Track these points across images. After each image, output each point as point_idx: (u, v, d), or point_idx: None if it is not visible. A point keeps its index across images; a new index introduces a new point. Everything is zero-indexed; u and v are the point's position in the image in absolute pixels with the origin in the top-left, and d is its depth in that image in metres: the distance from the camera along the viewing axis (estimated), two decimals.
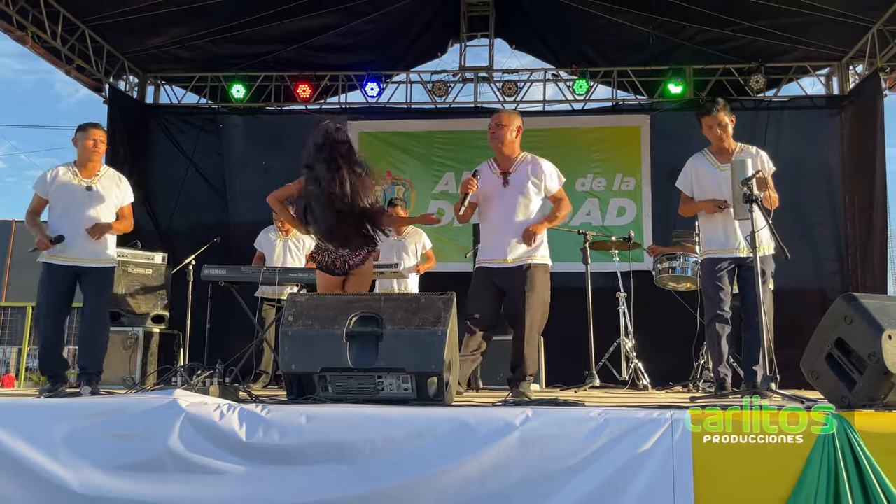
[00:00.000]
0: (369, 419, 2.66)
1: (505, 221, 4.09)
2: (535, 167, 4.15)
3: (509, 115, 4.25)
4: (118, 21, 7.47)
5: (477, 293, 4.12)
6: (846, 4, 6.98)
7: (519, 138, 4.22)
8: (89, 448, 2.74)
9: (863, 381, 2.64)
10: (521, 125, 4.25)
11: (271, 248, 6.33)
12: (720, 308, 4.17)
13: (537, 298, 4.05)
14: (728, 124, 4.32)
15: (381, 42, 8.39)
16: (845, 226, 7.83)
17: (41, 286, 4.47)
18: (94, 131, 4.56)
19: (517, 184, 4.12)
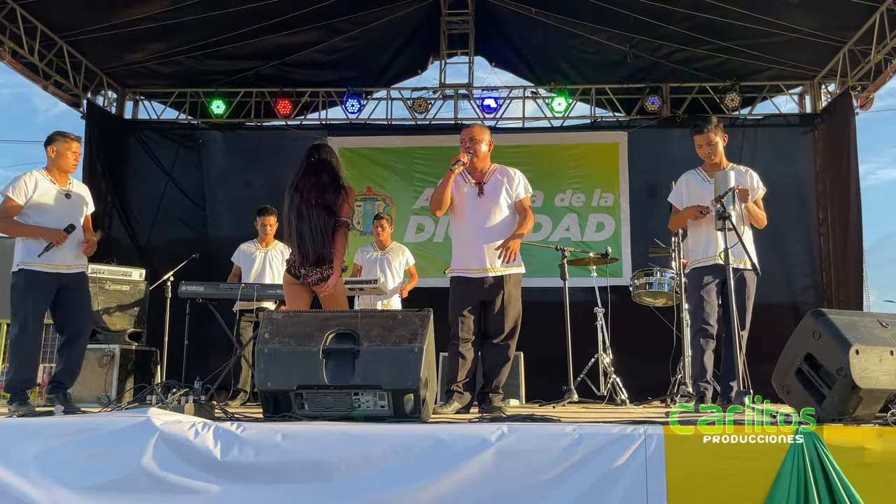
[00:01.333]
0: (345, 437, 2.66)
1: (480, 230, 4.17)
2: (507, 175, 4.29)
3: (481, 129, 4.37)
4: (96, 37, 7.47)
5: (459, 308, 4.15)
6: (818, 25, 7.14)
7: (490, 152, 4.34)
8: (62, 468, 2.71)
9: (832, 395, 2.68)
10: (492, 140, 4.36)
11: (250, 262, 6.32)
12: (704, 322, 4.20)
13: (514, 311, 4.13)
14: (718, 143, 4.38)
15: (361, 59, 8.45)
16: (819, 241, 7.96)
17: (23, 294, 4.28)
18: (75, 143, 4.50)
19: (491, 193, 4.23)
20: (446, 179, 4.21)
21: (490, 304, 4.16)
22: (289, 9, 7.34)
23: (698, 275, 4.29)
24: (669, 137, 8.27)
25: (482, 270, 4.14)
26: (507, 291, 4.13)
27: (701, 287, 4.25)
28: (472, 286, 4.16)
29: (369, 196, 8.46)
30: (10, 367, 4.37)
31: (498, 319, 4.13)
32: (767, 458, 2.45)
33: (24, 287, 4.32)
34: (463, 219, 4.26)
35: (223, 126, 8.82)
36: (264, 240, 6.35)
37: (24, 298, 4.30)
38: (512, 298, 4.15)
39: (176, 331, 6.23)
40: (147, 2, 6.94)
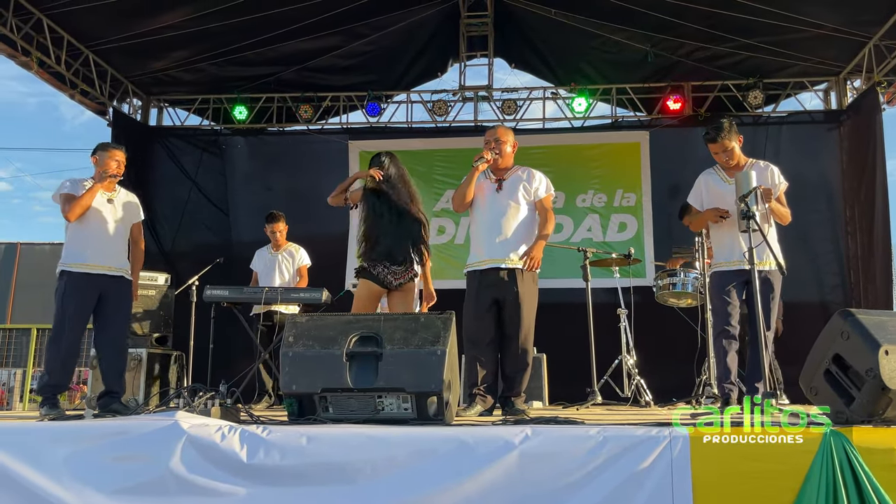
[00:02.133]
0: (370, 439, 2.67)
1: (496, 224, 4.18)
2: (528, 174, 4.31)
3: (506, 130, 4.41)
4: (121, 45, 7.59)
5: (475, 306, 4.14)
6: (843, 20, 7.04)
7: (513, 153, 4.37)
8: (92, 471, 2.75)
9: (861, 396, 2.64)
10: (516, 143, 4.40)
11: (264, 265, 6.43)
12: (727, 323, 4.16)
13: (529, 309, 4.10)
14: (734, 147, 4.33)
15: (381, 63, 8.49)
16: (846, 239, 7.84)
17: (64, 296, 4.38)
18: (117, 151, 4.68)
19: (509, 189, 4.24)
20: (470, 176, 4.24)
21: (504, 303, 4.12)
22: (308, 14, 7.40)
23: (720, 278, 4.25)
24: (692, 136, 8.18)
25: (495, 261, 4.12)
26: (522, 289, 4.09)
27: (722, 290, 4.21)
28: (485, 282, 4.14)
29: None
30: (45, 371, 4.45)
31: (513, 319, 4.09)
32: (795, 461, 2.42)
33: (64, 289, 4.41)
34: (480, 214, 4.29)
35: (245, 131, 8.90)
36: (275, 244, 6.42)
37: (64, 300, 4.39)
38: (527, 296, 4.10)
39: (201, 335, 6.30)
40: (170, 10, 7.04)
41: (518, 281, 4.08)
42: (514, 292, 4.07)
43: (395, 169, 4.58)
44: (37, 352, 11.06)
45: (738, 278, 4.19)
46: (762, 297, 3.84)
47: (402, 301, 4.42)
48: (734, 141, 4.35)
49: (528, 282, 4.12)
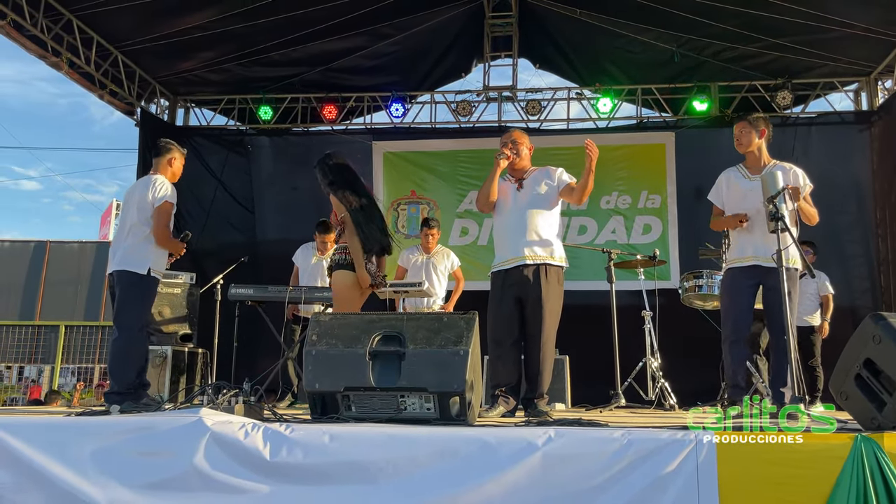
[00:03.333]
0: (392, 439, 2.67)
1: (518, 222, 4.15)
2: (546, 171, 4.30)
3: (522, 133, 4.43)
4: (149, 46, 7.69)
5: (499, 306, 4.12)
6: (874, 20, 6.91)
7: (530, 156, 4.38)
8: (117, 466, 2.78)
9: (892, 402, 2.59)
10: (532, 146, 4.41)
11: (309, 268, 6.41)
12: (734, 329, 4.14)
13: (553, 308, 4.07)
14: (752, 136, 4.28)
15: (405, 63, 8.50)
16: (877, 242, 7.70)
17: (143, 298, 4.46)
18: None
19: (531, 187, 4.23)
20: (492, 173, 4.22)
21: (527, 301, 4.07)
22: (333, 15, 7.43)
23: (731, 277, 4.22)
24: (718, 138, 8.07)
25: (518, 259, 4.09)
26: (545, 288, 4.04)
27: (734, 289, 4.18)
28: (509, 280, 4.11)
29: (413, 200, 8.50)
30: (131, 370, 4.33)
31: (536, 318, 4.05)
32: (825, 467, 2.37)
33: (149, 292, 4.51)
34: (503, 214, 4.27)
35: (271, 132, 8.97)
36: (323, 252, 6.40)
37: (144, 302, 4.48)
38: (550, 295, 4.05)
39: (225, 333, 6.35)
40: (197, 11, 7.12)
41: (542, 279, 4.05)
42: (537, 290, 4.03)
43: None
44: (64, 348, 11.23)
45: (752, 278, 4.13)
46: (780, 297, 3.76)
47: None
48: (756, 131, 4.27)
49: (552, 281, 4.08)
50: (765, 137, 4.36)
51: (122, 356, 4.33)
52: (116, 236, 4.75)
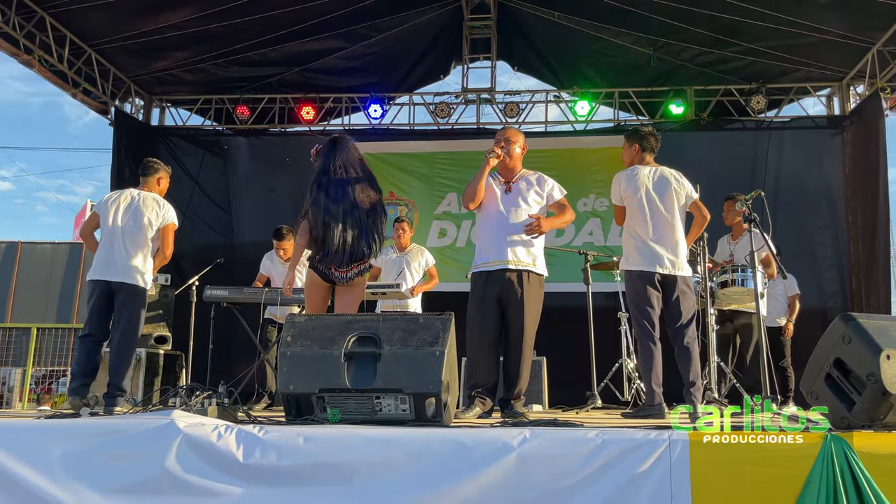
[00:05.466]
0: (367, 440, 2.65)
1: (503, 225, 4.13)
2: (539, 179, 4.27)
3: (516, 132, 4.38)
4: (124, 45, 7.60)
5: (479, 306, 4.11)
6: (846, 25, 7.03)
7: (522, 156, 4.33)
8: (87, 469, 2.73)
9: (861, 401, 2.62)
10: (525, 145, 4.35)
11: (276, 271, 6.36)
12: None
13: (532, 312, 4.07)
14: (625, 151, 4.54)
15: (384, 64, 8.49)
16: (848, 245, 7.82)
17: (143, 311, 4.84)
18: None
19: (519, 191, 4.20)
20: (481, 170, 4.18)
21: (507, 303, 4.07)
22: (312, 16, 7.40)
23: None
24: (694, 141, 8.18)
25: (501, 262, 4.07)
26: (527, 291, 4.04)
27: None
28: (489, 282, 4.10)
29: (392, 201, 8.48)
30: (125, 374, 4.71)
31: (516, 320, 4.04)
32: (796, 465, 2.40)
33: (144, 301, 4.84)
34: (487, 215, 4.23)
35: (248, 132, 8.91)
36: (284, 256, 6.34)
37: (143, 314, 4.86)
38: (531, 298, 4.06)
39: (201, 335, 6.29)
40: (173, 10, 7.05)
41: (524, 282, 4.05)
42: (519, 294, 4.03)
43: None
44: (36, 351, 11.04)
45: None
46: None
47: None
48: (626, 145, 4.63)
49: (533, 284, 4.08)
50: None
51: (126, 360, 4.71)
52: (112, 245, 4.77)
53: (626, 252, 4.48)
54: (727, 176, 7.40)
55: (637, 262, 4.35)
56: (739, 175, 7.74)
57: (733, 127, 8.41)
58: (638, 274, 4.34)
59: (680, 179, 4.47)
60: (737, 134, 8.40)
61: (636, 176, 4.46)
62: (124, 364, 4.69)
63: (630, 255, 4.41)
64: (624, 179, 4.49)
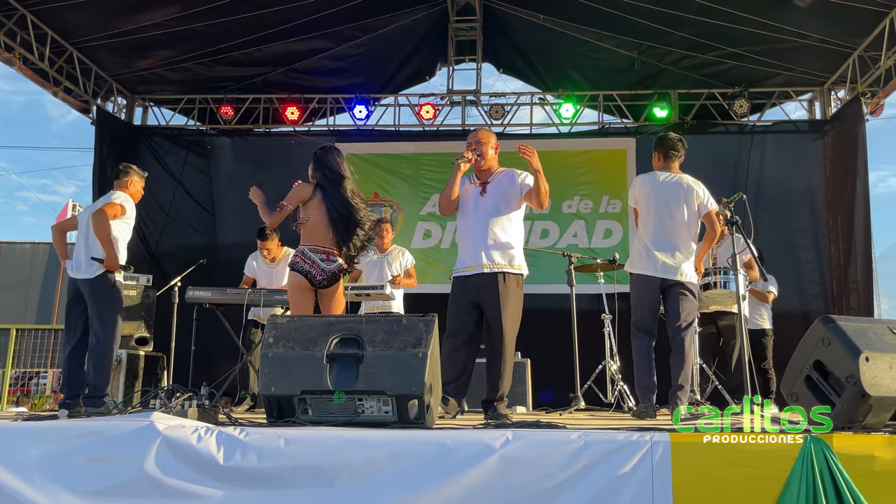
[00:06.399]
0: (348, 442, 2.64)
1: (480, 227, 4.11)
2: (509, 175, 4.24)
3: (488, 133, 4.38)
4: (106, 43, 7.53)
5: (455, 306, 4.10)
6: (828, 31, 7.10)
7: (496, 155, 4.31)
8: (65, 472, 2.70)
9: (841, 403, 2.65)
10: (498, 144, 4.34)
11: (263, 275, 6.33)
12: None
13: (511, 312, 4.03)
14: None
15: (369, 65, 8.48)
16: (829, 248, 7.90)
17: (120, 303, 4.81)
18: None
19: (494, 192, 4.18)
20: (452, 176, 4.18)
21: (485, 305, 4.04)
22: (297, 16, 7.37)
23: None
24: None
25: (477, 266, 4.06)
26: (504, 292, 4.01)
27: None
28: (468, 284, 4.08)
29: (377, 202, 8.47)
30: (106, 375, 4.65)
31: (495, 322, 4.01)
32: (776, 467, 2.41)
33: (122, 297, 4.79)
34: (465, 218, 4.22)
35: (232, 132, 8.85)
36: (269, 256, 6.33)
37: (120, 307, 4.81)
38: (509, 299, 4.02)
39: (183, 336, 6.23)
40: (156, 9, 6.99)
41: (500, 284, 4.03)
42: (495, 296, 4.00)
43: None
44: (15, 352, 10.91)
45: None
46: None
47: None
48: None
49: (511, 286, 4.06)
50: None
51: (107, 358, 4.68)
52: (77, 247, 4.86)
53: (632, 254, 4.59)
54: (710, 179, 7.32)
55: (639, 266, 4.46)
56: (722, 178, 7.78)
57: (716, 130, 8.47)
58: (639, 278, 4.44)
59: (697, 189, 4.53)
60: (720, 137, 8.46)
61: (651, 181, 4.56)
62: (104, 361, 4.68)
63: (634, 258, 4.53)
64: (639, 183, 4.61)
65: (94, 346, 4.58)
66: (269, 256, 6.28)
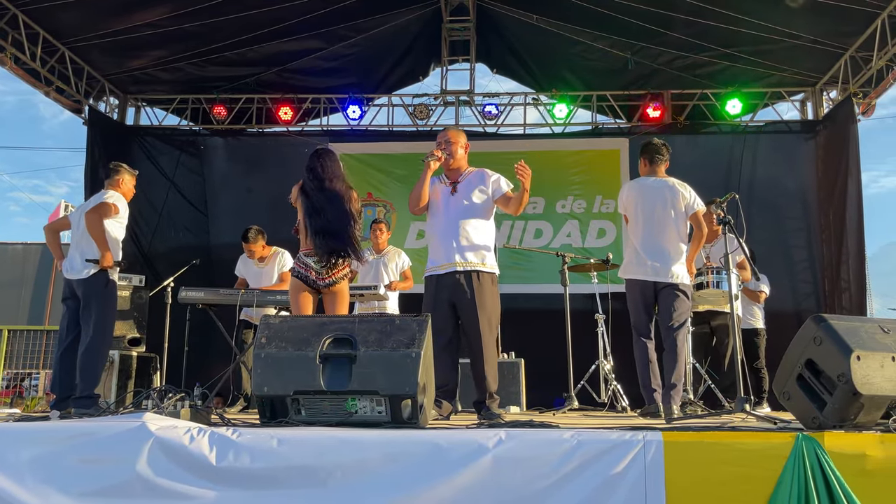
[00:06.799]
0: (342, 442, 2.63)
1: (451, 227, 4.10)
2: (481, 175, 4.23)
3: (457, 132, 4.38)
4: (99, 43, 7.50)
5: (432, 306, 4.07)
6: (820, 31, 7.13)
7: (466, 155, 4.30)
8: (57, 473, 2.68)
9: (833, 401, 2.65)
10: (468, 144, 4.33)
11: (250, 273, 6.32)
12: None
13: (487, 310, 4.02)
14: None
15: (362, 65, 8.47)
16: (821, 247, 7.94)
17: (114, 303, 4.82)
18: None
19: (464, 191, 4.17)
20: (422, 175, 4.18)
21: (460, 306, 4.03)
22: (290, 16, 7.36)
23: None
24: (671, 144, 8.21)
25: (450, 265, 4.05)
26: (478, 290, 3.99)
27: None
28: (441, 284, 4.07)
29: (370, 202, 8.46)
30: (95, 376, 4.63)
31: (472, 320, 3.99)
32: (768, 465, 2.42)
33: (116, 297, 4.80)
34: (436, 218, 4.21)
35: (225, 132, 8.83)
36: (254, 257, 6.32)
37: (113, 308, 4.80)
38: (484, 297, 4.00)
39: (176, 337, 6.21)
40: (149, 8, 6.97)
41: (473, 283, 4.01)
42: (470, 295, 3.99)
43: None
44: (7, 353, 10.86)
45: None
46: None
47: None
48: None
49: (484, 283, 4.03)
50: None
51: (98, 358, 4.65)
52: (71, 246, 4.86)
53: (625, 260, 4.66)
54: (703, 179, 7.40)
55: (632, 271, 4.52)
56: (715, 178, 7.82)
57: (709, 131, 8.50)
58: (633, 283, 4.51)
59: (683, 191, 4.58)
60: (713, 138, 8.49)
61: (637, 186, 4.63)
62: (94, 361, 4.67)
63: (628, 263, 4.59)
64: (626, 190, 4.68)
65: (86, 347, 4.55)
66: (255, 257, 6.28)
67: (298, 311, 4.11)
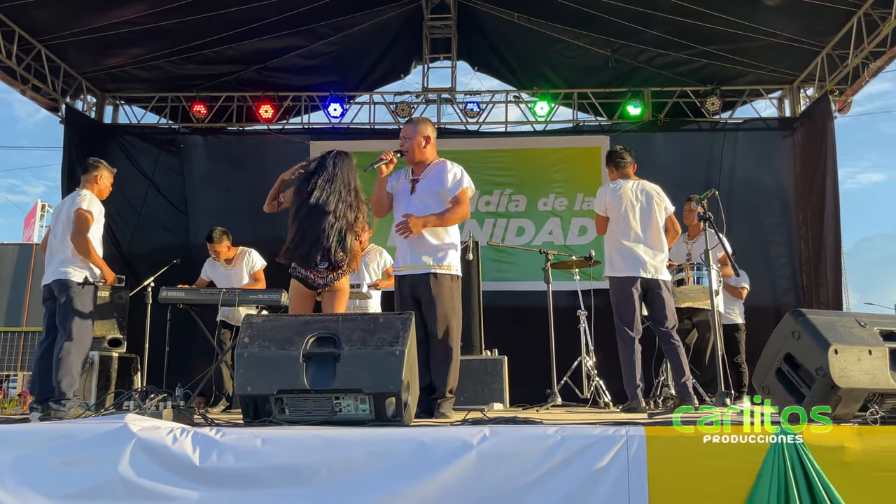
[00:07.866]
0: (326, 441, 2.63)
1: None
2: (441, 173, 4.10)
3: (412, 126, 4.19)
4: (76, 41, 7.41)
5: (401, 306, 4.07)
6: (797, 29, 7.22)
7: (430, 146, 4.16)
8: (37, 475, 2.65)
9: (811, 395, 2.69)
10: (431, 134, 4.18)
11: (218, 276, 6.30)
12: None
13: (445, 309, 3.97)
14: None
15: (343, 63, 8.44)
16: (799, 243, 8.04)
17: (93, 307, 4.75)
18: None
19: (423, 189, 4.09)
20: (378, 182, 4.16)
21: (421, 303, 4.00)
22: (270, 13, 7.31)
23: None
24: (651, 141, 8.32)
25: (410, 267, 4.03)
26: (436, 289, 3.95)
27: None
28: (403, 286, 4.07)
29: None
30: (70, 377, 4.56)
31: (430, 322, 3.96)
32: (748, 459, 2.45)
33: (95, 300, 4.73)
34: (397, 216, 4.15)
35: (205, 131, 8.76)
36: (220, 258, 6.30)
37: (93, 312, 4.73)
38: (441, 298, 3.96)
39: (157, 337, 6.16)
40: (126, 6, 6.89)
41: (431, 284, 3.97)
42: (427, 294, 3.97)
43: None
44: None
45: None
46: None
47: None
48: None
49: (443, 283, 3.99)
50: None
51: (71, 361, 4.54)
52: (49, 249, 4.85)
53: (610, 258, 4.76)
54: (683, 176, 7.54)
55: (621, 268, 4.65)
56: (695, 175, 7.90)
57: (689, 128, 8.58)
58: (622, 279, 4.63)
59: (660, 194, 4.84)
60: (692, 135, 8.56)
61: (620, 188, 4.78)
62: (67, 363, 4.61)
63: (614, 261, 4.70)
64: (609, 192, 4.81)
65: (61, 348, 4.52)
66: (221, 259, 6.25)
67: (298, 312, 4.09)
